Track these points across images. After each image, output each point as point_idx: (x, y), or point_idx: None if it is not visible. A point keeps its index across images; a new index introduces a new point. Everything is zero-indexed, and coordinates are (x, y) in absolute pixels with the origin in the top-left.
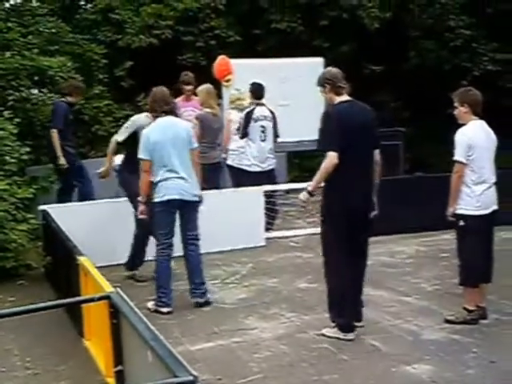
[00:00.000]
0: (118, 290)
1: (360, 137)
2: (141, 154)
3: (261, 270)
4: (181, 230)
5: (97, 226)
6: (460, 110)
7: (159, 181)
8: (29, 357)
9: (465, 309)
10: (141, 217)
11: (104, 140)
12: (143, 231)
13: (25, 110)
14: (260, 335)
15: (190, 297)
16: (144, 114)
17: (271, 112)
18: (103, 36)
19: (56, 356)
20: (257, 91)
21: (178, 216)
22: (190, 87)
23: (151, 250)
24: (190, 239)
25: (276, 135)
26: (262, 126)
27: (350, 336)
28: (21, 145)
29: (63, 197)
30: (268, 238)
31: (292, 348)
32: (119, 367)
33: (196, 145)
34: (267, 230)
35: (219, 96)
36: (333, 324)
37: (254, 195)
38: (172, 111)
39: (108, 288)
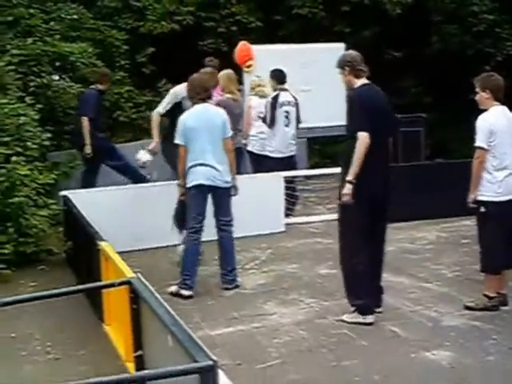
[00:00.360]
0: (139, 275)
1: (381, 121)
2: (177, 140)
3: (280, 255)
4: (214, 216)
5: (118, 212)
6: (482, 96)
7: (190, 166)
8: (49, 341)
9: (485, 295)
10: (181, 199)
11: (125, 126)
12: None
13: (46, 96)
14: (279, 321)
15: (220, 281)
16: (184, 85)
17: (294, 97)
18: (124, 23)
19: (76, 341)
20: (279, 77)
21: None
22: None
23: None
24: (222, 225)
25: (298, 121)
26: (286, 112)
27: (370, 319)
28: (42, 131)
29: (88, 178)
30: (288, 224)
31: (311, 333)
32: (139, 352)
33: (230, 133)
34: (287, 215)
35: (240, 82)
36: (352, 309)
37: (275, 181)
38: (209, 98)
39: (129, 273)
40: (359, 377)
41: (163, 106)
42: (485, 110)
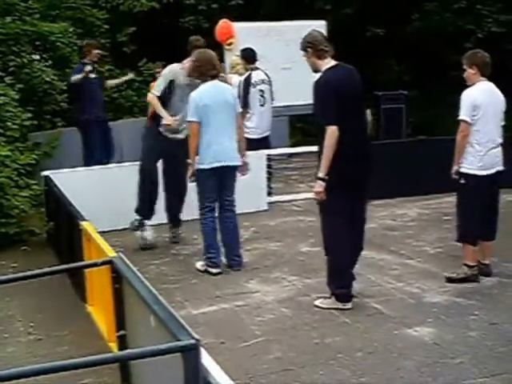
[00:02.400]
0: (121, 254)
1: (353, 103)
2: (190, 117)
3: (263, 233)
4: (218, 195)
5: (99, 192)
6: (469, 72)
7: (206, 146)
8: (32, 322)
9: (465, 265)
10: (191, 180)
11: (106, 105)
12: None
13: (25, 76)
14: (262, 298)
15: (228, 263)
16: (176, 64)
17: (267, 75)
18: (104, 2)
19: (59, 321)
20: (249, 56)
21: None
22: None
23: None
24: (228, 205)
25: (272, 98)
26: (261, 90)
27: (349, 305)
28: (22, 111)
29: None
30: (270, 203)
31: (294, 311)
32: (122, 332)
33: (241, 109)
34: (269, 194)
35: (221, 60)
36: (327, 295)
37: (257, 159)
38: (218, 75)
39: (111, 253)
40: (342, 354)
41: (159, 89)
42: (453, 81)
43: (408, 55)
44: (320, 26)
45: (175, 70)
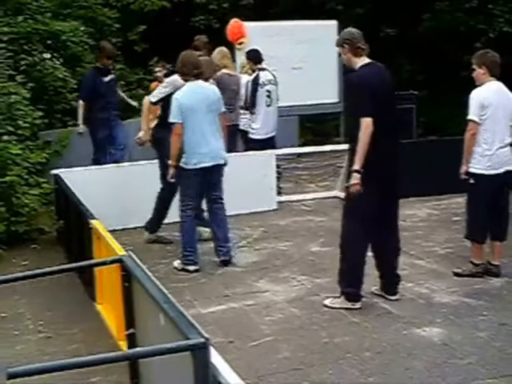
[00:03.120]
0: (131, 253)
1: (386, 101)
2: (173, 118)
3: (272, 233)
4: (206, 192)
5: (109, 190)
6: (478, 72)
7: (191, 146)
8: (41, 320)
9: (471, 262)
10: (171, 181)
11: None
12: (169, 194)
13: (37, 75)
14: (271, 298)
15: (215, 255)
16: (177, 76)
17: (273, 76)
18: (115, 1)
19: (68, 320)
20: (255, 57)
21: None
22: (198, 53)
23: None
24: (214, 198)
25: (277, 99)
26: (268, 91)
27: (358, 305)
28: (33, 109)
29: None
30: (280, 202)
31: (303, 311)
32: (131, 330)
33: (224, 109)
34: (279, 193)
35: (232, 59)
36: (336, 294)
37: (267, 159)
38: (201, 75)
39: (120, 251)
40: (351, 353)
41: (157, 97)
42: (463, 81)
43: (419, 55)
44: (331, 25)
45: (175, 84)
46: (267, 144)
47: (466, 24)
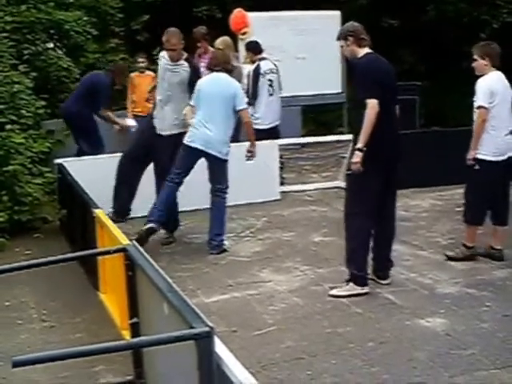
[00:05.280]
0: (134, 242)
1: (388, 89)
2: (191, 101)
3: (275, 223)
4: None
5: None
6: (481, 63)
7: (196, 125)
8: (45, 309)
9: (463, 245)
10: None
11: (119, 94)
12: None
13: (40, 64)
14: (275, 288)
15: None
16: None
17: (274, 65)
18: None
19: (71, 309)
20: (254, 48)
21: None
22: (198, 44)
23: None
24: (212, 190)
25: (280, 88)
26: (270, 80)
27: (366, 289)
28: (36, 99)
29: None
30: (283, 192)
31: (306, 300)
32: (134, 319)
33: (244, 106)
34: (281, 183)
35: (236, 49)
36: (339, 284)
37: (270, 149)
38: (228, 70)
39: (124, 240)
40: (354, 343)
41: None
42: (480, 77)
43: (422, 46)
44: (334, 16)
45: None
46: (271, 134)
47: (470, 15)
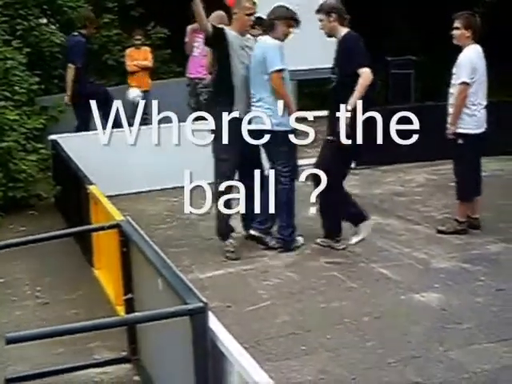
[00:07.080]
0: (128, 218)
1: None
2: None
3: None
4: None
5: (107, 156)
6: (463, 33)
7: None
8: (39, 286)
9: (456, 220)
10: None
11: (113, 69)
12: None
13: (33, 40)
14: (269, 263)
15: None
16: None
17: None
18: None
19: (66, 285)
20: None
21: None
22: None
23: None
24: (277, 173)
25: None
26: None
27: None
28: (30, 75)
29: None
30: None
31: (301, 275)
32: (129, 295)
33: (274, 67)
34: None
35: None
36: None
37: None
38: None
39: (118, 216)
40: (349, 318)
41: None
42: (459, 47)
43: (417, 20)
44: None
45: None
46: None
47: None
